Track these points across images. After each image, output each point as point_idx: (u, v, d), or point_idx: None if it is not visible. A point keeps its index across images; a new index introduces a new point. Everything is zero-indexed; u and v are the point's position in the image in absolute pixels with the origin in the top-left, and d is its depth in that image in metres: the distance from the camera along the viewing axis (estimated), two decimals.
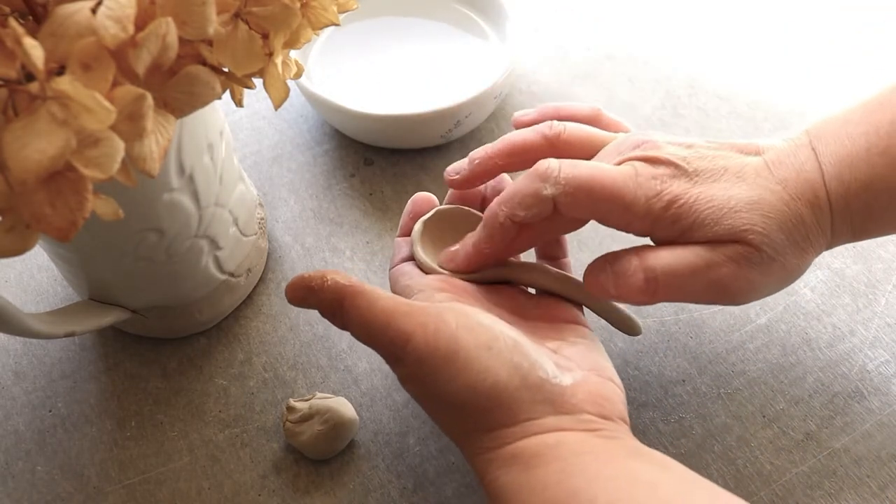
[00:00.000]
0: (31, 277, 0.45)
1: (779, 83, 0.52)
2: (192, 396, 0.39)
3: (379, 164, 0.49)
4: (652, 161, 0.31)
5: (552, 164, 0.31)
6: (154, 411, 0.39)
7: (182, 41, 0.23)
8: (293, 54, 0.32)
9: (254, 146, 0.51)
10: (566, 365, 0.30)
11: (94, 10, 0.20)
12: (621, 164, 0.32)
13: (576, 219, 0.32)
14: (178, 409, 0.39)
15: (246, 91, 0.28)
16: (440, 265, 0.34)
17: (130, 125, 0.21)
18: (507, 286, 0.35)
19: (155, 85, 0.23)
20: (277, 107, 0.28)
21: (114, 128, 0.21)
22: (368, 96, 0.49)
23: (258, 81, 0.28)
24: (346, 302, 0.29)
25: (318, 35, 0.51)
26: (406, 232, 0.37)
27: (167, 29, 0.22)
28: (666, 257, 0.30)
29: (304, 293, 0.30)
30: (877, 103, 0.31)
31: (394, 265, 0.36)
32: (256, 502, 0.36)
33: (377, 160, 0.49)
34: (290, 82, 0.42)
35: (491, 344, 0.28)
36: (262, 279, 0.43)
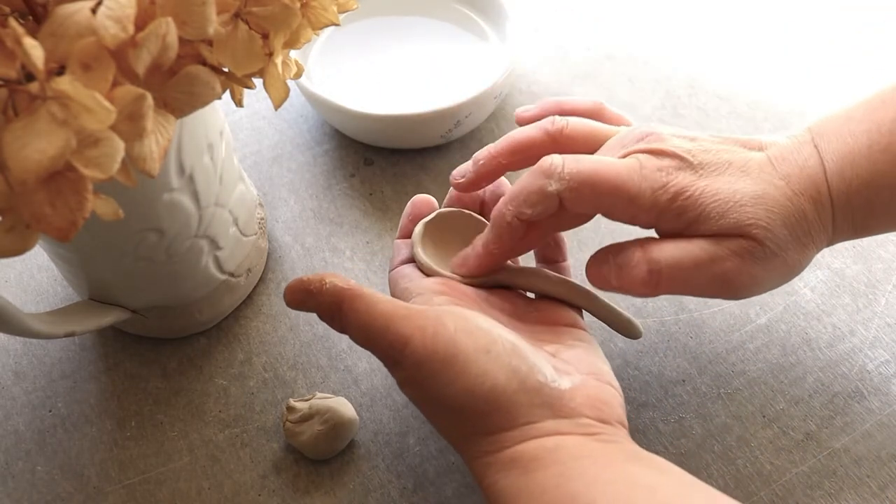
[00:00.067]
0: (31, 277, 0.45)
1: (779, 83, 0.52)
2: (192, 396, 0.39)
3: (379, 164, 0.49)
4: (656, 153, 0.31)
5: (555, 160, 0.30)
6: (154, 411, 0.39)
7: (182, 41, 0.23)
8: (293, 54, 0.32)
9: (254, 146, 0.51)
10: (564, 369, 0.30)
11: (94, 10, 0.20)
12: (625, 156, 0.32)
13: (581, 214, 0.32)
14: (178, 409, 0.39)
15: (246, 91, 0.28)
16: (453, 270, 0.34)
17: (130, 125, 0.22)
18: (506, 290, 0.35)
19: (155, 85, 0.23)
20: (277, 107, 0.28)
21: (114, 128, 0.21)
22: (368, 96, 0.49)
23: (258, 81, 0.28)
24: (345, 305, 0.29)
25: (318, 35, 0.51)
26: (405, 234, 0.36)
27: (167, 29, 0.22)
28: (670, 250, 0.30)
29: (303, 296, 0.30)
30: (879, 101, 0.31)
31: (393, 267, 0.35)
32: (256, 502, 0.36)
33: (377, 160, 0.49)
34: (290, 82, 0.42)
35: (489, 347, 0.28)
36: (262, 279, 0.43)
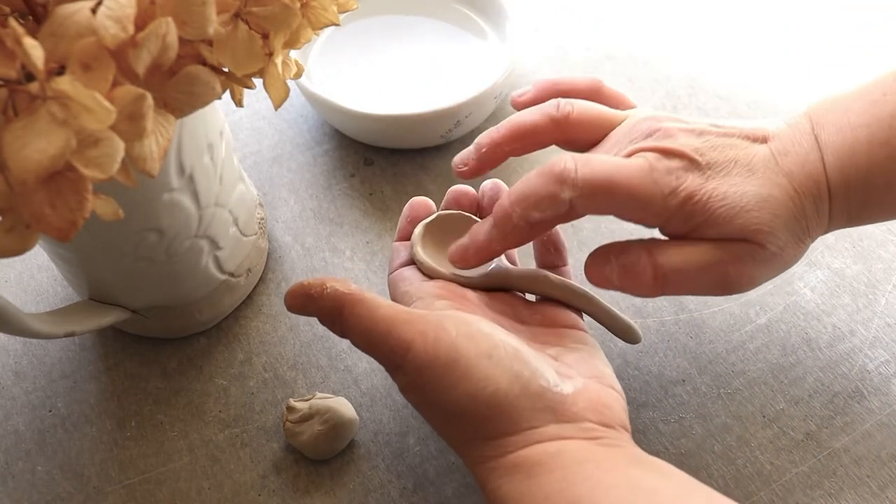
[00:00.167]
0: (31, 277, 0.45)
1: (779, 83, 0.52)
2: (192, 396, 0.39)
3: (379, 164, 0.49)
4: (666, 153, 0.31)
5: (568, 164, 0.30)
6: (154, 411, 0.39)
7: (182, 41, 0.23)
8: (293, 54, 0.32)
9: (254, 146, 0.51)
10: (567, 372, 0.30)
11: (94, 10, 0.20)
12: (633, 154, 0.31)
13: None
14: (178, 409, 0.39)
15: (246, 91, 0.28)
16: (450, 258, 0.34)
17: (130, 125, 0.22)
18: (506, 293, 0.35)
19: (155, 85, 0.23)
20: (277, 107, 0.28)
21: (114, 128, 0.21)
22: (368, 96, 0.49)
23: (258, 81, 0.28)
24: (346, 310, 0.29)
25: (318, 35, 0.51)
26: (404, 236, 0.36)
27: (167, 29, 0.22)
28: (675, 255, 0.30)
29: (304, 301, 0.29)
30: (879, 93, 0.31)
31: (392, 270, 0.35)
32: (256, 502, 0.36)
33: (377, 160, 0.49)
34: (290, 82, 0.42)
35: (491, 352, 0.28)
36: (262, 279, 0.43)
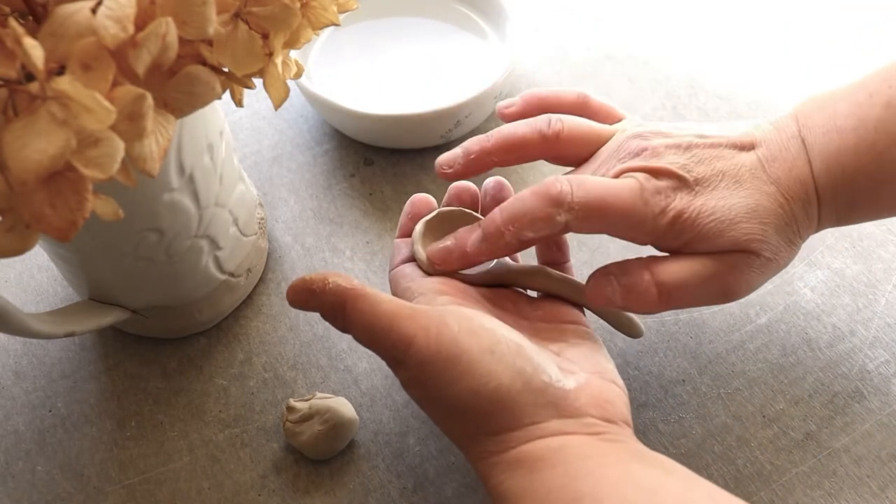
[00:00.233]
0: (31, 277, 0.45)
1: (779, 83, 0.52)
2: (192, 396, 0.39)
3: (379, 164, 0.49)
4: (654, 172, 0.31)
5: (564, 187, 0.31)
6: (154, 411, 0.39)
7: (182, 41, 0.23)
8: (293, 54, 0.32)
9: (254, 146, 0.51)
10: (569, 368, 0.30)
11: (94, 10, 0.20)
12: (622, 173, 0.32)
13: None
14: (178, 409, 0.39)
15: (246, 91, 0.28)
16: (430, 258, 0.34)
17: (130, 125, 0.21)
18: (508, 289, 0.35)
19: (155, 85, 0.23)
20: (277, 107, 0.28)
21: (114, 128, 0.21)
22: (368, 96, 0.49)
23: (258, 81, 0.28)
24: (348, 305, 0.29)
25: (318, 35, 0.51)
26: (405, 233, 0.36)
27: (167, 29, 0.22)
28: (676, 270, 0.31)
29: (306, 296, 0.30)
30: (865, 94, 0.31)
31: (394, 266, 0.35)
32: (256, 502, 0.36)
33: (377, 160, 0.49)
34: (290, 82, 0.42)
35: (493, 348, 0.28)
36: (262, 279, 0.43)
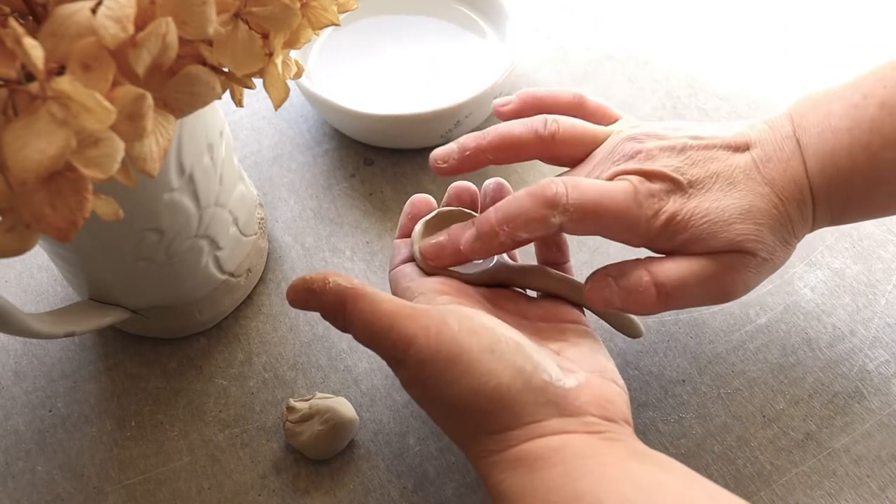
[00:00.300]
0: (31, 277, 0.45)
1: (779, 83, 0.52)
2: (192, 396, 0.39)
3: (379, 164, 0.49)
4: (647, 175, 0.32)
5: (559, 189, 0.31)
6: (154, 411, 0.39)
7: (182, 41, 0.23)
8: (293, 54, 0.32)
9: (254, 146, 0.51)
10: (569, 367, 0.30)
11: (94, 10, 0.20)
12: (616, 176, 0.32)
13: None
14: (178, 409, 0.39)
15: (246, 91, 0.28)
16: (422, 253, 0.34)
17: (130, 125, 0.21)
18: (508, 289, 0.35)
19: (155, 85, 0.23)
20: (277, 107, 0.28)
21: (114, 128, 0.21)
22: (368, 96, 0.49)
23: (258, 81, 0.28)
24: (349, 305, 0.29)
25: (318, 35, 0.51)
26: (405, 233, 0.36)
27: (167, 29, 0.22)
28: (674, 270, 0.31)
29: (307, 296, 0.30)
30: (860, 95, 0.31)
31: (394, 267, 0.35)
32: (256, 502, 0.36)
33: (377, 160, 0.49)
34: (290, 82, 0.42)
35: (494, 347, 0.28)
36: (262, 279, 0.43)
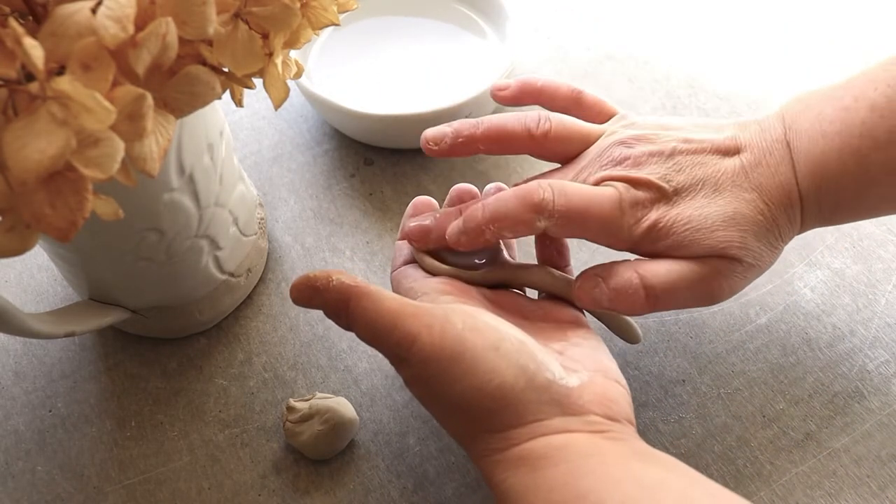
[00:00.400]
0: (31, 277, 0.45)
1: (779, 83, 0.52)
2: (192, 396, 0.39)
3: (379, 164, 0.49)
4: (634, 183, 0.32)
5: (546, 195, 0.31)
6: (154, 411, 0.39)
7: (182, 41, 0.23)
8: (293, 54, 0.32)
9: (254, 146, 0.51)
10: (572, 366, 0.30)
11: (94, 10, 0.20)
12: (603, 181, 0.33)
13: None
14: (178, 409, 0.39)
15: (246, 91, 0.28)
16: (407, 233, 0.34)
17: (130, 125, 0.22)
18: (508, 290, 0.35)
19: (155, 85, 0.23)
20: (277, 107, 0.28)
21: (114, 128, 0.21)
22: (368, 96, 0.49)
23: (258, 81, 0.28)
24: (352, 303, 0.29)
25: (318, 35, 0.51)
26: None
27: (167, 29, 0.22)
28: (664, 273, 0.31)
29: (310, 293, 0.30)
30: (851, 97, 0.31)
31: (395, 268, 0.36)
32: (256, 502, 0.36)
33: (377, 160, 0.49)
34: (290, 82, 0.42)
35: (497, 345, 0.28)
36: (262, 279, 0.43)
